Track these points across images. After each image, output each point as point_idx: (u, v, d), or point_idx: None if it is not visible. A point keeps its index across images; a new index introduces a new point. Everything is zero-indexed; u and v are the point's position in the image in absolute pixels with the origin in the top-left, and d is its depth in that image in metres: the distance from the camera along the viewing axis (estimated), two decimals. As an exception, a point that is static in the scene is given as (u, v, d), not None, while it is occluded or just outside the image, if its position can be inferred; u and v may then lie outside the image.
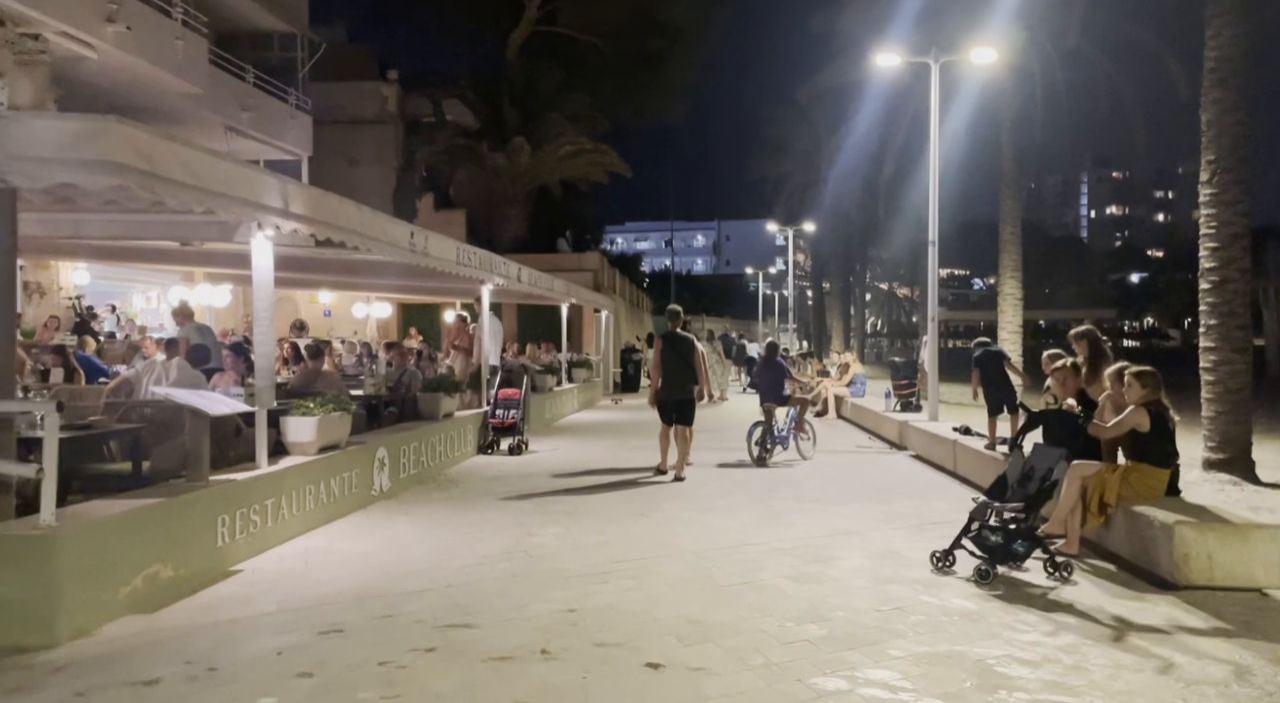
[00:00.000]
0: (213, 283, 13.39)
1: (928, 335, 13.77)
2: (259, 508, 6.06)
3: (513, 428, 11.74)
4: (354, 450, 7.75)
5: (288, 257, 13.09)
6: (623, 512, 7.77)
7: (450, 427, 10.48)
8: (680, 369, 9.63)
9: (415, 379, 10.69)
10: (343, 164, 25.18)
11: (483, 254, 11.34)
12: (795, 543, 6.55)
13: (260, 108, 20.32)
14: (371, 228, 7.65)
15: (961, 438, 9.84)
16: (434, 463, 9.79)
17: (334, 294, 22.34)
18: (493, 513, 7.68)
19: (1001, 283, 17.31)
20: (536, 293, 15.27)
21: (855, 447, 12.89)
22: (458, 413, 11.21)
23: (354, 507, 7.61)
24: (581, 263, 25.62)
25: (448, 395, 10.40)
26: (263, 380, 6.34)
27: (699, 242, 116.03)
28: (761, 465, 10.67)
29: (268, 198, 6.06)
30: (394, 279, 14.91)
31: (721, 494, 8.69)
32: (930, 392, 12.25)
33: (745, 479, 9.68)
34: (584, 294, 19.67)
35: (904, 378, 13.48)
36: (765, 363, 11.40)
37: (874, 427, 14.22)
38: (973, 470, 9.21)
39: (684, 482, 9.45)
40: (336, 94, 25.20)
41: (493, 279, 11.86)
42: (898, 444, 12.58)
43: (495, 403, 12.01)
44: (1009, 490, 5.97)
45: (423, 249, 9.08)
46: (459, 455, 10.74)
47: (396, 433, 9.07)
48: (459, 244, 10.35)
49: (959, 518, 7.49)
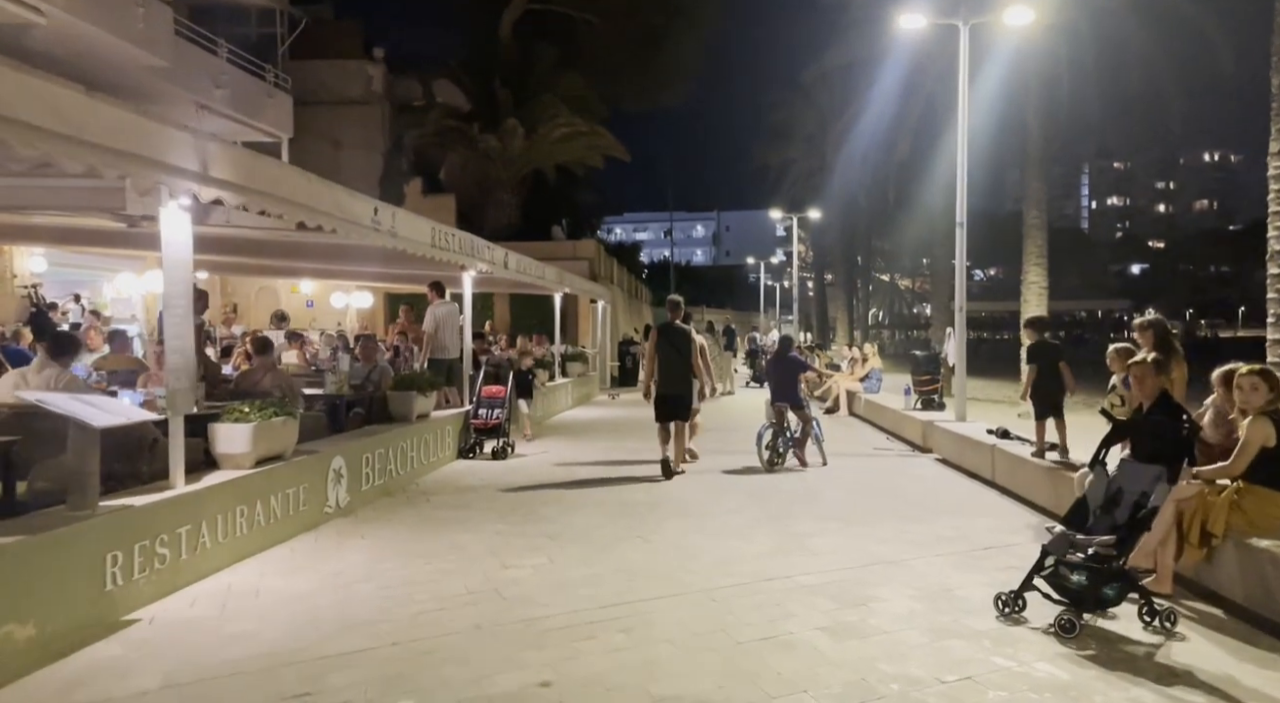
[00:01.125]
0: (165, 269, 12.17)
1: (952, 327, 12.64)
2: (169, 539, 4.93)
3: (496, 429, 10.61)
4: (302, 461, 6.62)
5: (256, 240, 12.01)
6: (617, 534, 6.64)
7: (425, 429, 9.35)
8: (676, 363, 9.14)
9: (386, 376, 9.55)
10: (326, 147, 23.98)
11: (463, 237, 10.19)
12: (825, 577, 5.42)
13: (235, 85, 19.11)
14: (321, 200, 6.50)
15: (1001, 442, 8.71)
16: (405, 471, 8.66)
17: (316, 284, 21.23)
18: (465, 535, 6.55)
19: (1026, 270, 16.16)
20: (526, 281, 14.12)
21: (873, 449, 11.77)
22: (435, 413, 10.08)
23: (301, 527, 6.48)
24: (577, 251, 24.45)
25: (421, 395, 9.27)
26: (177, 381, 5.19)
27: (698, 232, 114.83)
28: (774, 471, 9.56)
29: (178, 157, 4.92)
30: (378, 267, 13.78)
31: (731, 510, 7.56)
32: (958, 389, 11.13)
33: (757, 489, 8.55)
34: (579, 283, 18.53)
35: (926, 373, 12.35)
36: (777, 359, 10.27)
37: (893, 426, 13.10)
38: (1015, 480, 8.08)
39: (684, 480, 8.34)
40: (320, 73, 23.99)
41: (475, 265, 10.71)
42: (921, 446, 11.46)
43: (478, 402, 10.88)
44: (1091, 517, 4.85)
45: (389, 229, 7.94)
46: (435, 461, 9.61)
47: (359, 438, 7.94)
48: (434, 225, 9.20)
49: (1012, 542, 6.43)
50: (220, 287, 22.63)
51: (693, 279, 71.03)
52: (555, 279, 15.99)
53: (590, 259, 24.55)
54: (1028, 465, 7.81)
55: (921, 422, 11.46)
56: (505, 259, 12.18)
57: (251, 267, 16.22)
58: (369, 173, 23.92)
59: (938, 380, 12.38)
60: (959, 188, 11.00)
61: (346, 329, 18.58)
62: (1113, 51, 16.38)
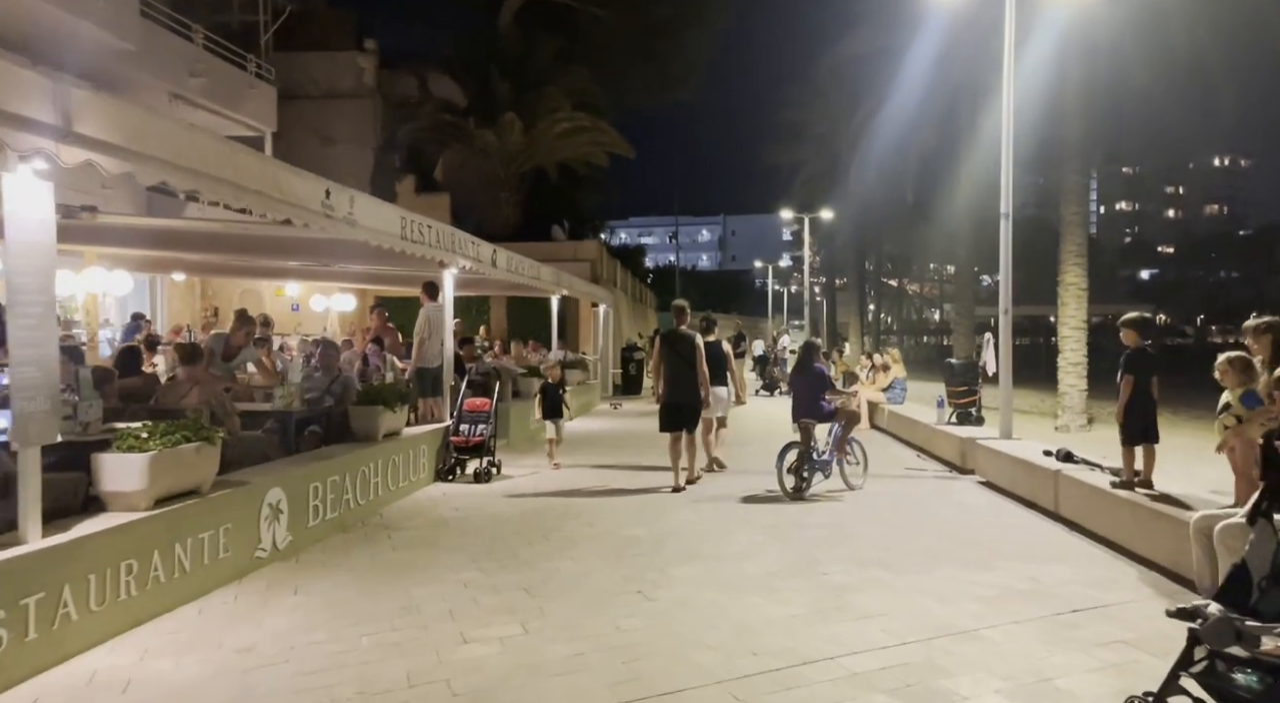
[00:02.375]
0: (107, 267, 10.99)
1: (991, 332, 11.35)
2: (10, 615, 3.69)
3: (480, 447, 9.34)
4: (225, 497, 5.36)
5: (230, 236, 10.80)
6: (613, 585, 5.38)
7: (394, 450, 8.09)
8: (682, 371, 8.76)
9: (350, 388, 8.30)
10: (315, 143, 22.80)
11: (442, 229, 8.95)
12: (882, 659, 4.14)
13: (213, 74, 17.91)
14: (248, 175, 5.26)
15: (1066, 468, 7.42)
16: (366, 500, 7.40)
17: (302, 286, 20.01)
18: (423, 587, 5.29)
19: (1063, 271, 14.85)
20: (519, 282, 12.88)
21: (905, 469, 10.48)
22: (408, 430, 8.83)
23: (221, 580, 5.23)
24: (578, 252, 23.21)
25: (389, 409, 8.00)
26: (30, 403, 3.94)
27: (704, 237, 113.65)
28: (799, 499, 8.28)
29: (27, 104, 3.69)
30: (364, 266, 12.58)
31: (752, 551, 6.29)
32: (1003, 403, 9.83)
33: (781, 522, 7.27)
34: (578, 285, 17.31)
35: (963, 384, 11.05)
36: (800, 368, 8.98)
37: (923, 443, 11.81)
38: (1090, 516, 6.78)
39: (695, 510, 7.08)
40: (308, 65, 22.83)
41: (456, 261, 9.48)
42: (959, 467, 10.17)
43: (459, 416, 9.62)
44: (1255, 591, 3.56)
45: (346, 215, 6.71)
46: (406, 486, 8.35)
47: (307, 463, 6.68)
48: (405, 213, 7.97)
49: (1107, 601, 5.07)
50: (200, 289, 21.51)
51: (698, 284, 69.79)
52: (552, 280, 14.76)
53: (592, 261, 23.32)
54: (1108, 499, 6.51)
55: (960, 439, 10.16)
56: (493, 256, 10.96)
57: (231, 267, 15.04)
58: (360, 170, 22.72)
59: (976, 392, 11.08)
60: (1004, 174, 9.72)
61: (331, 334, 17.35)
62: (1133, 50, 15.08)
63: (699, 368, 8.75)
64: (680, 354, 8.75)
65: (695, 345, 8.80)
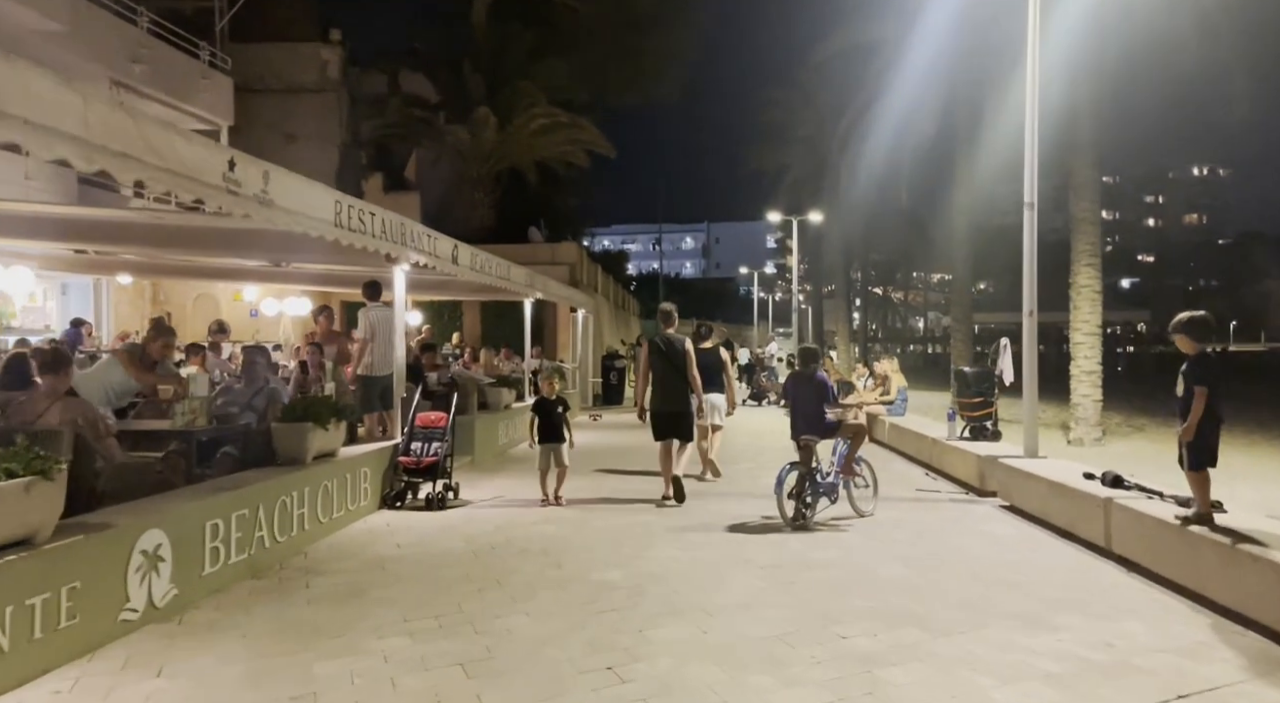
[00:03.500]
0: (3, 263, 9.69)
1: (1008, 338, 10.27)
2: None
3: (433, 469, 8.12)
4: (70, 547, 4.13)
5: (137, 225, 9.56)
6: (576, 658, 4.19)
7: (326, 473, 6.86)
8: (671, 378, 8.46)
9: (276, 402, 7.08)
10: (277, 139, 21.50)
11: (389, 218, 7.77)
12: (942, 786, 2.98)
13: (160, 62, 16.64)
14: (108, 132, 4.08)
15: (1118, 495, 6.29)
16: (288, 537, 6.17)
17: (261, 289, 18.70)
18: (330, 662, 4.09)
19: (1075, 272, 13.82)
20: (487, 283, 11.63)
21: (916, 491, 9.34)
22: (347, 450, 7.60)
23: (58, 658, 4.00)
24: (556, 255, 22.02)
25: (320, 427, 6.78)
26: None
27: (688, 244, 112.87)
28: (801, 529, 7.13)
29: None
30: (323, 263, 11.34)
31: (751, 601, 5.12)
32: (1027, 416, 8.73)
33: (783, 561, 6.10)
34: (555, 289, 16.11)
35: (977, 395, 9.94)
36: (800, 378, 7.83)
37: (932, 459, 10.69)
38: (1154, 555, 5.65)
39: (680, 545, 5.90)
40: (268, 56, 21.57)
41: (407, 256, 8.29)
42: (977, 488, 9.05)
43: (410, 432, 8.40)
44: None
45: (258, 194, 5.53)
46: (342, 517, 7.12)
47: (206, 496, 5.44)
48: (341, 196, 6.77)
49: (1217, 676, 3.72)
50: (151, 293, 20.16)
51: (682, 291, 68.78)
52: (525, 282, 13.56)
53: (571, 264, 22.14)
54: (1181, 537, 5.39)
55: (977, 457, 9.04)
56: (454, 252, 9.76)
57: (181, 268, 13.75)
58: (324, 168, 21.41)
59: (992, 403, 9.98)
60: (1027, 156, 8.63)
61: (285, 340, 16.09)
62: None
63: (690, 374, 8.48)
64: (670, 360, 8.45)
65: (686, 351, 8.51)
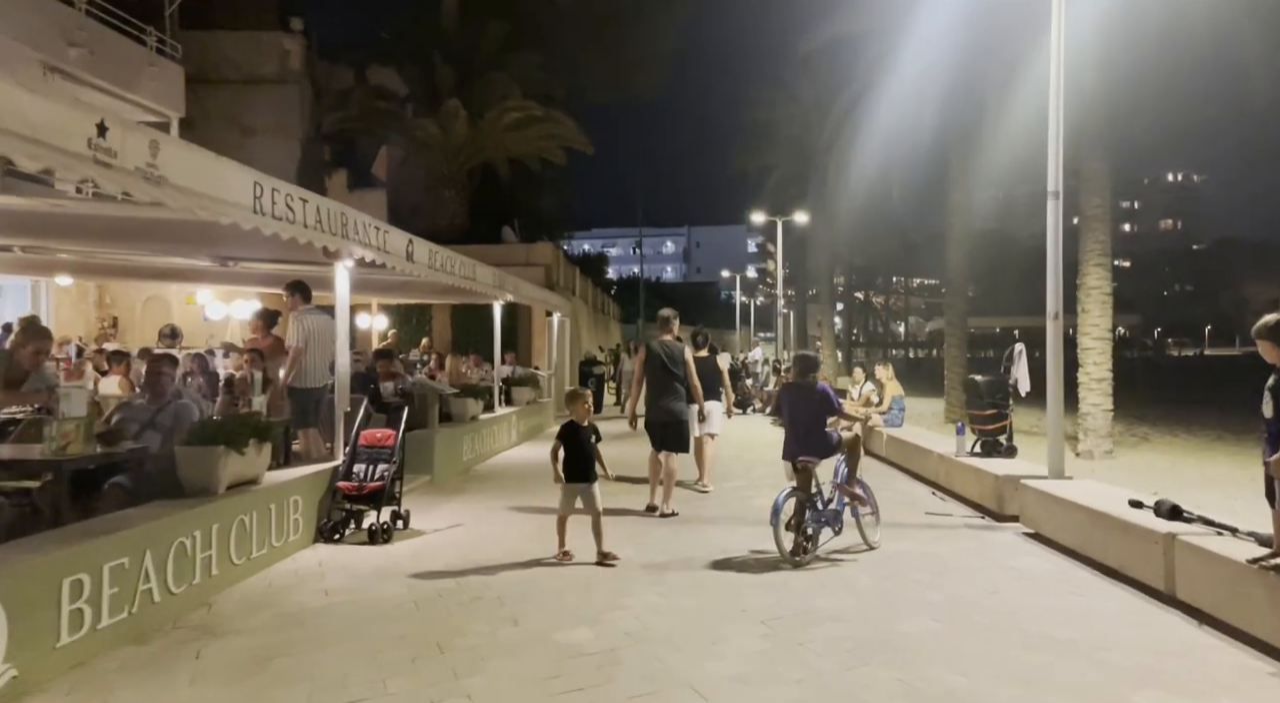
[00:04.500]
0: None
1: (1022, 345, 9.34)
2: None
3: (378, 495, 7.04)
4: None
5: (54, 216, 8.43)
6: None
7: (243, 506, 5.78)
8: (669, 386, 8.21)
9: (184, 419, 5.98)
10: (234, 132, 20.36)
11: (327, 205, 6.69)
12: None
13: (100, 46, 15.46)
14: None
15: (1182, 531, 5.33)
16: (188, 586, 5.08)
17: (216, 291, 17.49)
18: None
19: (1083, 273, 12.95)
20: (450, 283, 10.50)
21: (925, 514, 8.36)
22: (274, 476, 6.52)
23: None
24: (531, 256, 20.95)
25: (235, 450, 5.69)
26: None
27: (669, 248, 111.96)
28: (803, 565, 6.14)
29: None
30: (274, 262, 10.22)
31: (750, 673, 4.10)
32: (1052, 432, 7.78)
33: (784, 611, 5.08)
34: (527, 290, 15.01)
35: (990, 406, 8.98)
36: (796, 391, 6.80)
37: (939, 477, 9.72)
38: (1237, 607, 4.68)
39: (661, 593, 4.89)
40: (225, 46, 20.40)
41: (349, 250, 7.21)
42: (992, 511, 8.09)
43: (352, 452, 7.32)
44: None
45: (142, 168, 4.48)
46: (265, 557, 6.03)
47: (64, 544, 4.33)
48: (262, 177, 5.69)
49: None
50: (97, 296, 18.91)
51: (663, 296, 67.72)
52: (493, 283, 12.44)
53: (547, 266, 21.08)
54: (1268, 587, 4.42)
55: (995, 477, 8.08)
56: (409, 248, 8.67)
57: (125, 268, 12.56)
58: (284, 163, 20.27)
59: (1006, 415, 9.02)
60: (1051, 142, 7.69)
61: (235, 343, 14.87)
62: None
63: (691, 383, 8.29)
64: (668, 368, 8.19)
65: (685, 360, 8.28)
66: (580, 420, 6.41)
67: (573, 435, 6.34)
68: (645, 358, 8.31)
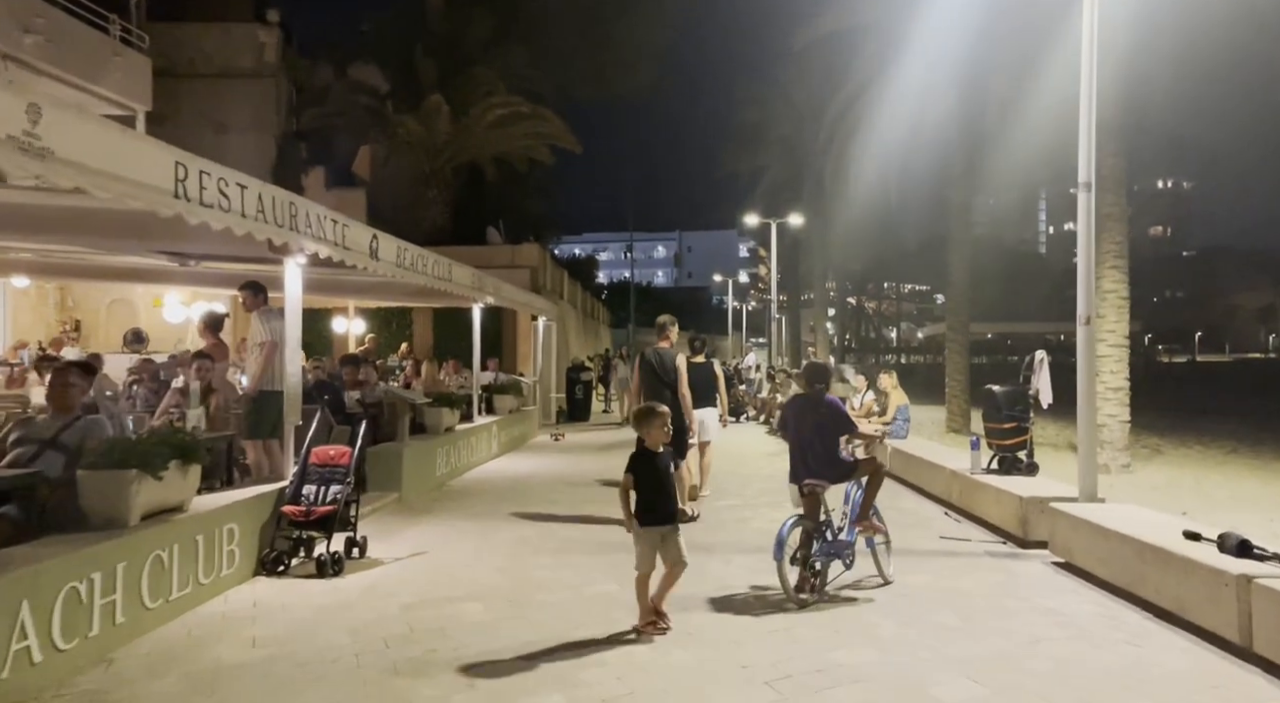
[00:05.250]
0: None
1: (1044, 352, 8.58)
2: None
3: (328, 520, 6.21)
4: None
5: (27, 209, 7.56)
6: None
7: (160, 539, 4.95)
8: (660, 393, 7.92)
9: (94, 436, 5.15)
10: (207, 128, 19.50)
11: (272, 194, 5.88)
12: None
13: (60, 35, 14.60)
14: None
15: (1260, 572, 4.55)
16: (84, 640, 4.25)
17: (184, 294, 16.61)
18: None
19: (1099, 276, 12.21)
20: (421, 283, 9.67)
21: (939, 539, 7.59)
22: (201, 501, 5.69)
23: None
24: (516, 258, 20.16)
25: (149, 475, 4.86)
26: None
27: (659, 253, 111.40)
28: (811, 605, 5.36)
29: None
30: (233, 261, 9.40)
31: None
32: (1083, 449, 7.01)
33: (796, 670, 4.28)
34: (508, 292, 14.20)
35: (1010, 419, 8.21)
36: (804, 405, 6.01)
37: (951, 496, 8.95)
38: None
39: (647, 645, 4.09)
40: (198, 38, 19.57)
41: (298, 244, 6.40)
42: (1015, 535, 7.32)
43: (301, 471, 6.50)
44: None
45: (16, 135, 3.70)
46: (187, 599, 5.19)
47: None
48: (183, 155, 4.88)
49: None
50: (59, 299, 18.00)
51: (654, 301, 67.01)
52: (470, 284, 11.59)
53: (533, 268, 20.28)
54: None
55: (1019, 498, 7.30)
56: (373, 244, 7.86)
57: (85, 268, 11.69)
58: (259, 160, 19.43)
59: (1027, 430, 8.26)
60: (1083, 129, 6.96)
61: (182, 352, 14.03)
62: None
63: (681, 391, 8.08)
64: (661, 376, 8.12)
65: (677, 367, 8.15)
66: (655, 447, 4.97)
67: (648, 467, 4.91)
68: (639, 365, 8.29)
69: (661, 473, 4.92)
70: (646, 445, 4.97)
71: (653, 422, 4.97)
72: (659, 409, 5.05)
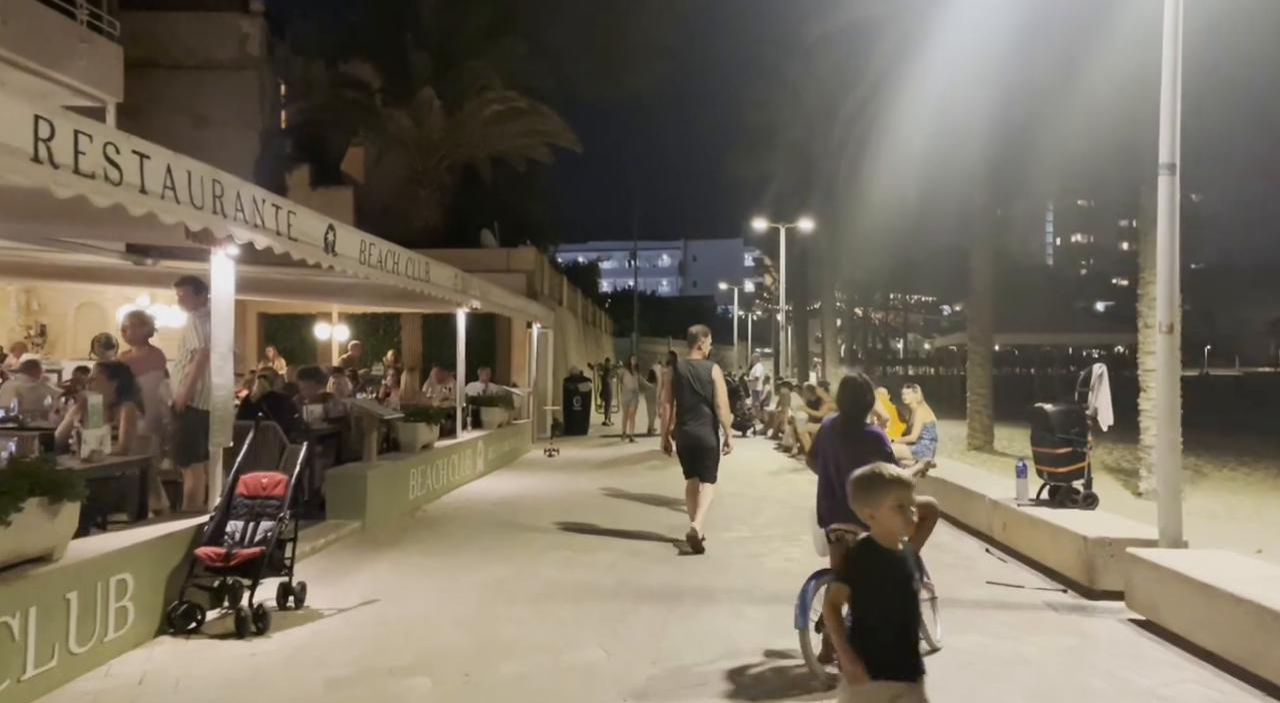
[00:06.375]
0: None
1: (1103, 366, 7.47)
2: None
3: (254, 564, 5.10)
4: None
5: None
6: None
7: (13, 601, 3.85)
8: (695, 407, 7.51)
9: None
10: (186, 122, 18.49)
11: (186, 167, 4.80)
12: None
13: (19, 17, 13.61)
14: None
15: None
16: None
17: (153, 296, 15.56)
18: None
19: (1144, 282, 11.13)
20: (391, 282, 8.55)
21: (986, 585, 6.45)
22: (81, 545, 4.59)
23: None
24: (511, 261, 19.07)
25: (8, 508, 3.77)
26: None
27: (664, 262, 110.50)
28: (833, 682, 4.22)
29: None
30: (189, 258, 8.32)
31: None
32: (1163, 483, 5.90)
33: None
34: (499, 297, 13.11)
35: (1064, 443, 7.09)
36: (839, 433, 4.87)
37: (993, 529, 7.82)
38: None
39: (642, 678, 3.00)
40: (177, 27, 18.59)
41: (224, 230, 5.30)
42: (1079, 582, 6.19)
43: (225, 504, 5.40)
44: None
45: None
46: (50, 676, 4.07)
47: None
48: (49, 111, 3.80)
49: None
50: (24, 302, 16.97)
51: (658, 310, 65.96)
52: (452, 286, 10.46)
53: (529, 272, 19.20)
54: None
55: (1080, 538, 6.17)
56: (328, 236, 6.76)
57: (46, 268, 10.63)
58: (241, 156, 18.40)
59: (1084, 456, 7.14)
60: (1164, 105, 5.88)
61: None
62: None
63: (717, 402, 7.51)
64: (695, 389, 7.55)
65: (714, 380, 7.54)
66: (892, 541, 2.81)
67: (880, 576, 2.79)
68: (673, 378, 7.82)
69: (903, 587, 2.79)
70: (874, 536, 2.83)
71: (883, 494, 2.79)
72: (888, 473, 2.86)
